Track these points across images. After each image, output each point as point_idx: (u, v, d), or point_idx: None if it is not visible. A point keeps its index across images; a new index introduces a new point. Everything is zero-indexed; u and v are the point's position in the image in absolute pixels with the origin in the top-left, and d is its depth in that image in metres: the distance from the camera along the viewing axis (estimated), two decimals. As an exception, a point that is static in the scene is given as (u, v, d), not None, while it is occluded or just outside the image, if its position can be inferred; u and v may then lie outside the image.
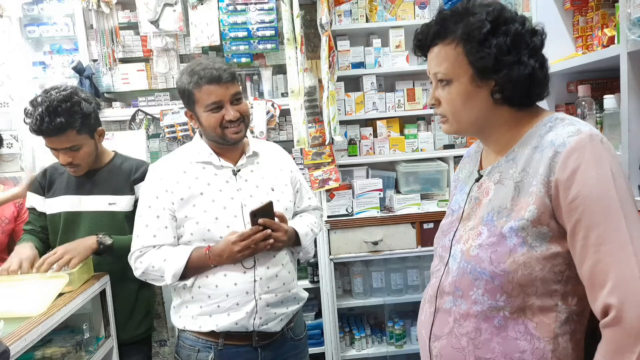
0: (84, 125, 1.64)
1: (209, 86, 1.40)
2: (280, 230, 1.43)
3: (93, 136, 1.72)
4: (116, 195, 1.76)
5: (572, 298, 0.92)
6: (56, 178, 1.80)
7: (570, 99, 1.98)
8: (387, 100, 2.73)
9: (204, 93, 1.41)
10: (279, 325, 1.49)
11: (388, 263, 2.75)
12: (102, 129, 1.77)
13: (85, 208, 1.75)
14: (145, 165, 1.81)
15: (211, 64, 1.42)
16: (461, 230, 1.04)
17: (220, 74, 1.39)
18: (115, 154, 1.86)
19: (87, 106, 1.65)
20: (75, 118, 1.61)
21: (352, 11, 2.72)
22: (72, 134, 1.62)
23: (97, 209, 1.75)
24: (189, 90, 1.43)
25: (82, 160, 1.69)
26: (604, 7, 1.74)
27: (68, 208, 1.75)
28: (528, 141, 0.96)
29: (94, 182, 1.77)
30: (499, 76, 0.94)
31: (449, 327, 1.01)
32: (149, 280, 1.49)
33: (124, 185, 1.77)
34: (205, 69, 1.40)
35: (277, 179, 1.56)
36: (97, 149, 1.75)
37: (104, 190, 1.76)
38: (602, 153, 0.86)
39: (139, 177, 1.78)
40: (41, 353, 1.43)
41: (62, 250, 1.57)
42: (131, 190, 1.78)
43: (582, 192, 0.85)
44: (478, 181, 1.06)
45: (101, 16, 2.56)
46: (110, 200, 1.75)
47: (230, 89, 1.42)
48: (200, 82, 1.40)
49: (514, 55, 0.93)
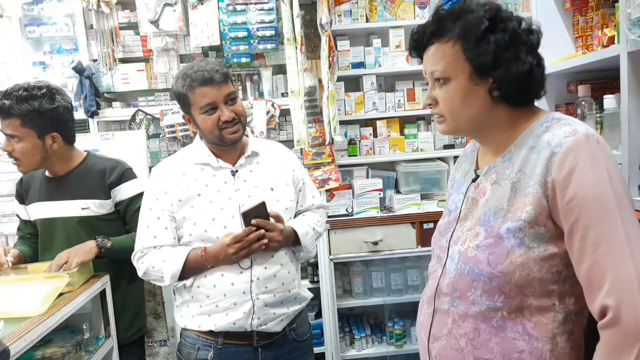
0: (30, 119, 1.60)
1: (202, 88, 1.41)
2: (275, 230, 1.42)
3: (41, 137, 1.64)
4: (89, 199, 1.73)
5: (569, 298, 0.92)
6: (31, 184, 1.79)
7: (570, 99, 1.97)
8: (387, 100, 2.73)
9: (198, 95, 1.42)
10: (279, 326, 1.49)
11: (388, 263, 2.75)
12: (58, 136, 1.67)
13: (58, 214, 1.73)
14: (120, 166, 1.78)
15: (203, 65, 1.43)
16: (458, 230, 1.04)
17: (212, 75, 1.40)
18: (87, 154, 1.81)
19: (44, 104, 1.61)
20: (23, 108, 1.58)
21: (352, 11, 2.72)
22: (15, 122, 1.59)
23: (70, 215, 1.72)
24: (183, 94, 1.44)
25: (21, 156, 1.64)
26: (604, 7, 1.73)
27: (42, 215, 1.75)
28: (524, 141, 0.96)
29: (65, 186, 1.74)
30: (497, 73, 0.94)
31: (447, 328, 1.01)
32: (151, 280, 1.50)
33: (97, 189, 1.74)
34: (197, 71, 1.41)
35: (278, 179, 1.56)
36: (45, 152, 1.66)
37: (75, 194, 1.73)
38: (598, 153, 0.86)
39: (114, 180, 1.75)
40: (41, 353, 1.43)
41: (66, 255, 1.58)
42: (106, 194, 1.75)
43: (579, 192, 0.85)
44: (475, 181, 1.06)
45: (101, 16, 2.56)
46: (83, 205, 1.72)
47: (223, 89, 1.43)
48: (193, 85, 1.41)
49: (512, 52, 0.93)
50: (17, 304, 1.39)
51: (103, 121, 2.65)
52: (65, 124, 1.70)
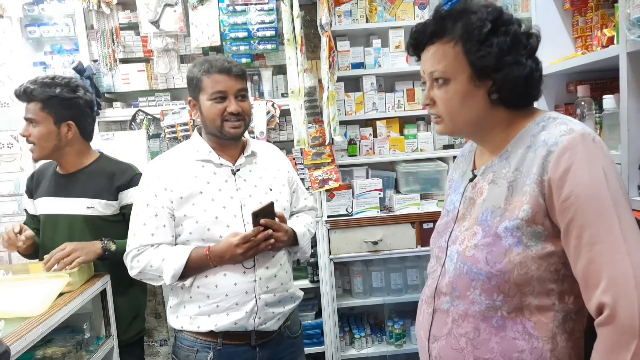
0: (49, 104, 1.66)
1: (219, 75, 1.44)
2: (281, 230, 1.44)
3: (57, 123, 1.69)
4: (95, 199, 1.73)
5: (568, 297, 0.93)
6: (42, 180, 1.81)
7: (569, 99, 1.98)
8: (386, 101, 2.73)
9: (212, 80, 1.44)
10: (276, 324, 1.50)
11: (388, 263, 2.75)
12: (73, 124, 1.72)
13: (62, 211, 1.73)
14: (131, 170, 1.79)
15: (224, 58, 1.49)
16: (457, 230, 1.04)
17: (231, 67, 1.46)
18: (100, 155, 1.84)
19: (64, 92, 1.68)
20: (45, 93, 1.65)
21: (352, 12, 2.72)
22: (36, 106, 1.66)
23: (75, 212, 1.73)
24: (197, 77, 1.46)
25: (36, 140, 1.68)
26: (604, 8, 1.74)
27: (46, 210, 1.76)
28: (521, 141, 0.97)
29: (74, 183, 1.75)
30: (497, 76, 0.94)
31: (447, 328, 1.01)
32: (146, 279, 1.47)
33: (105, 189, 1.74)
34: (218, 60, 1.47)
35: (275, 179, 1.57)
36: (59, 140, 1.70)
37: (83, 192, 1.73)
38: (594, 152, 0.86)
39: (123, 183, 1.75)
40: (42, 353, 1.43)
41: (70, 248, 1.57)
42: (114, 196, 1.75)
43: (575, 191, 0.85)
44: (472, 181, 1.06)
45: (102, 16, 2.56)
46: (88, 204, 1.73)
47: (238, 83, 1.47)
48: (210, 70, 1.45)
49: (513, 56, 0.93)
50: (16, 304, 1.38)
51: (104, 121, 2.65)
52: (83, 116, 1.75)
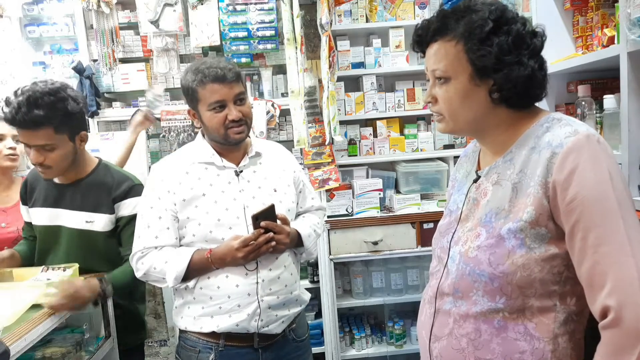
0: (63, 124, 1.51)
1: (213, 85, 1.40)
2: (283, 232, 1.43)
3: (72, 139, 1.57)
4: (95, 212, 1.64)
5: (570, 298, 0.92)
6: (36, 187, 1.70)
7: (570, 99, 1.97)
8: (387, 100, 2.73)
9: (208, 91, 1.41)
10: (280, 327, 1.49)
11: (388, 263, 2.75)
12: (86, 133, 1.62)
13: (63, 223, 1.65)
14: (128, 181, 1.69)
15: (216, 63, 1.43)
16: (459, 231, 1.04)
17: (225, 74, 1.40)
18: (98, 162, 1.72)
19: (73, 105, 1.52)
20: (56, 114, 1.48)
21: (352, 11, 2.72)
22: (48, 131, 1.49)
23: (75, 226, 1.64)
24: (192, 89, 1.43)
25: (55, 163, 1.55)
26: (604, 7, 1.73)
27: (46, 222, 1.67)
28: (525, 142, 0.96)
29: (74, 195, 1.65)
30: (498, 76, 0.93)
31: (449, 328, 1.01)
32: (151, 281, 1.48)
33: (104, 202, 1.65)
34: (210, 67, 1.41)
35: (280, 180, 1.56)
36: (76, 154, 1.60)
37: (83, 205, 1.64)
38: (599, 154, 0.86)
39: (119, 195, 1.65)
40: (41, 353, 1.43)
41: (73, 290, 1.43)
42: (110, 209, 1.65)
43: (580, 193, 0.85)
44: (476, 182, 1.06)
45: (101, 16, 2.56)
46: (88, 219, 1.64)
47: (234, 88, 1.43)
48: (204, 81, 1.40)
49: (514, 56, 0.92)
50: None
51: (103, 121, 2.65)
52: (84, 118, 1.65)
